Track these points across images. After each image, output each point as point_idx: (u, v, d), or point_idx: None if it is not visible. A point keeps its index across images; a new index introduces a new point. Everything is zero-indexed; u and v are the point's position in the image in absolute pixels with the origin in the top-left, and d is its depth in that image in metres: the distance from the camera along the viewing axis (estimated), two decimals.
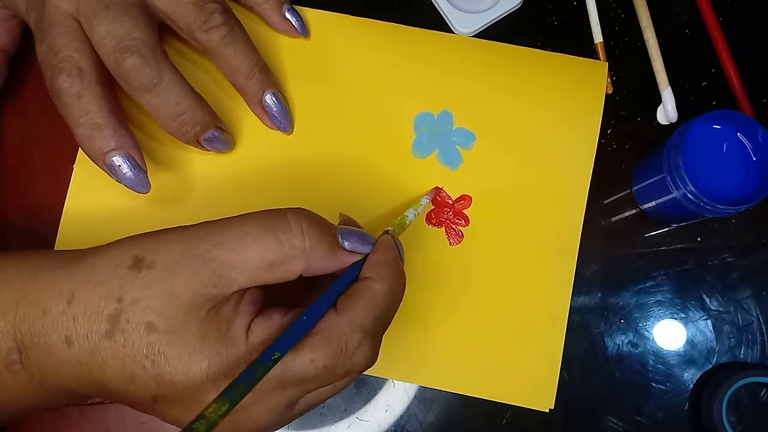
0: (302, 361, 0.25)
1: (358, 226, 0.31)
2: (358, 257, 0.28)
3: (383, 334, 0.28)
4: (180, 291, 0.25)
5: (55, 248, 0.37)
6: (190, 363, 0.24)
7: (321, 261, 0.27)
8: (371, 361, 0.27)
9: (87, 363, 0.25)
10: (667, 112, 0.40)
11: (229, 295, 0.25)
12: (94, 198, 0.38)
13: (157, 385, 0.24)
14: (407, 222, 0.34)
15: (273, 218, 0.26)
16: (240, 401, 0.22)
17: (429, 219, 0.38)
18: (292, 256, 0.26)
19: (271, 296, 0.28)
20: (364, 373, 0.28)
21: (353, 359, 0.26)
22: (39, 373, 0.26)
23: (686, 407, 0.38)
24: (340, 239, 0.28)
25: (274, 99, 0.37)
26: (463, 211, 0.38)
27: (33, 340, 0.25)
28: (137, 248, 0.26)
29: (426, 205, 0.37)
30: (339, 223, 0.31)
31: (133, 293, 0.25)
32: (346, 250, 0.28)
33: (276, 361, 0.24)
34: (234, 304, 0.26)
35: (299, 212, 0.27)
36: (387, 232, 0.31)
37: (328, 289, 0.27)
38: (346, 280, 0.28)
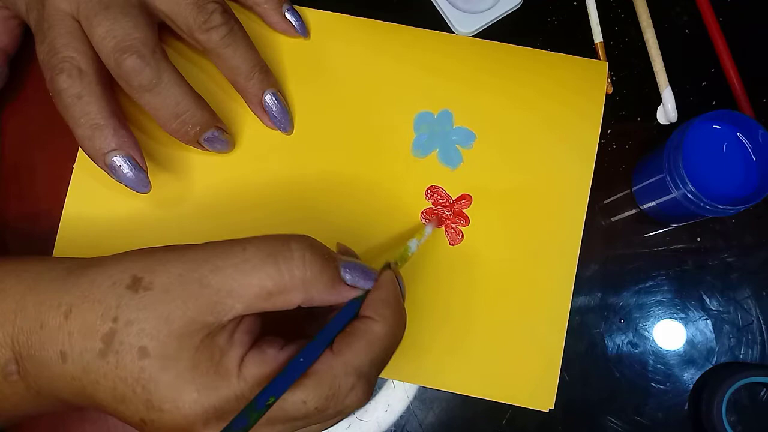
0: (294, 401, 0.25)
1: (356, 257, 0.30)
2: (358, 292, 0.27)
3: (379, 374, 0.27)
4: (176, 316, 0.24)
5: (55, 248, 0.37)
6: (180, 392, 0.24)
7: (321, 293, 0.26)
8: (363, 403, 0.26)
9: (80, 379, 0.25)
10: (667, 112, 0.40)
11: (225, 323, 0.25)
12: (94, 198, 0.38)
13: (146, 410, 0.24)
14: (409, 254, 0.33)
15: (276, 246, 0.26)
16: None
17: (429, 219, 0.38)
18: (291, 287, 0.25)
19: (268, 323, 0.27)
20: None
21: (345, 401, 0.25)
22: (35, 384, 0.26)
23: (686, 407, 0.38)
24: (342, 272, 0.27)
25: (274, 99, 0.37)
26: (464, 210, 0.38)
27: (30, 352, 0.25)
28: (136, 267, 0.26)
29: (429, 234, 0.36)
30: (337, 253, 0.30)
31: (128, 314, 0.24)
32: (347, 285, 0.27)
33: (270, 406, 0.23)
34: (229, 333, 0.25)
35: (303, 241, 0.27)
36: (389, 265, 0.30)
37: (326, 327, 0.26)
38: (345, 317, 0.27)
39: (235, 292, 0.25)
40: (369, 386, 0.26)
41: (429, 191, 0.38)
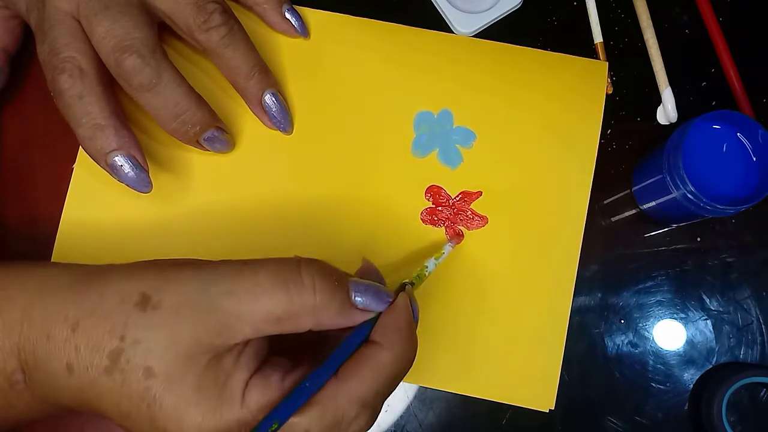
0: (296, 430, 0.24)
1: (379, 276, 0.30)
2: (370, 315, 0.27)
3: (385, 400, 0.27)
4: (183, 337, 0.24)
5: (55, 247, 0.37)
6: (184, 414, 0.24)
7: (331, 318, 0.26)
8: (366, 431, 0.26)
9: (85, 392, 0.25)
10: (667, 112, 0.40)
11: (232, 345, 0.25)
12: (95, 198, 0.38)
13: (150, 427, 0.24)
14: (426, 273, 0.33)
15: (286, 270, 0.26)
16: None
17: (430, 219, 0.38)
18: (301, 313, 0.25)
19: (278, 343, 0.27)
20: None
21: (348, 430, 0.25)
22: (41, 392, 0.26)
23: (686, 407, 0.38)
24: (353, 296, 0.27)
25: (273, 99, 0.37)
26: (468, 207, 0.38)
27: (36, 363, 0.25)
28: (145, 284, 0.26)
29: (448, 254, 0.36)
30: (359, 270, 0.30)
31: (136, 333, 0.24)
32: (358, 309, 0.27)
33: None
34: (236, 356, 0.25)
35: (313, 265, 0.26)
36: (404, 286, 0.29)
37: (334, 353, 0.26)
38: (355, 341, 0.27)
39: (245, 316, 0.25)
40: (373, 414, 0.26)
41: (429, 191, 0.38)
